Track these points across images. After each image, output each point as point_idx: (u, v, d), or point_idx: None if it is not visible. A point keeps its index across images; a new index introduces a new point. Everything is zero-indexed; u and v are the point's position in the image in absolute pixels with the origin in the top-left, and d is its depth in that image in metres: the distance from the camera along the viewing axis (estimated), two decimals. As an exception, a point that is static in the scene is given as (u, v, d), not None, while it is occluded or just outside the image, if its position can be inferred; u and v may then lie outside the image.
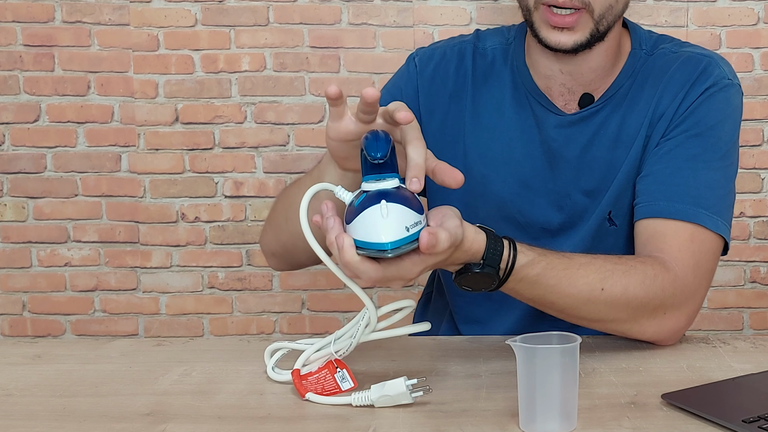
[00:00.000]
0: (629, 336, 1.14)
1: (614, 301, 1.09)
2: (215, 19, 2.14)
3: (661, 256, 1.14)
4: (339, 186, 0.96)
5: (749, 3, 2.12)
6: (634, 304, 1.10)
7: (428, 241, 0.89)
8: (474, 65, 1.31)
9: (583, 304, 1.08)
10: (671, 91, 1.24)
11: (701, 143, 1.20)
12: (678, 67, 1.25)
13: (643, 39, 1.29)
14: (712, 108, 1.22)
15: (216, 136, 2.18)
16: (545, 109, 1.26)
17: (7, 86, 2.16)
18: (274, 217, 1.27)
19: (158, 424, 0.93)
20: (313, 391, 0.98)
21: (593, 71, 1.25)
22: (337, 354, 1.00)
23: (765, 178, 2.17)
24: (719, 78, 1.24)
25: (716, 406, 0.92)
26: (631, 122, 1.25)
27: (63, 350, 1.19)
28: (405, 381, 0.95)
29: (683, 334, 1.17)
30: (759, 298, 2.21)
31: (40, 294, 2.23)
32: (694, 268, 1.15)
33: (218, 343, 1.22)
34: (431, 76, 1.31)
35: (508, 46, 1.32)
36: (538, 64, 1.27)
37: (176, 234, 2.21)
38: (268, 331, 2.23)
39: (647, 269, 1.11)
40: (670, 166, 1.20)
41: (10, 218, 2.21)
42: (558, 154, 1.26)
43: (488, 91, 1.29)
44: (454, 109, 1.30)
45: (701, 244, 1.16)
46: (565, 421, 0.88)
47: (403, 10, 2.14)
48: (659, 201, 1.18)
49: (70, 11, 2.14)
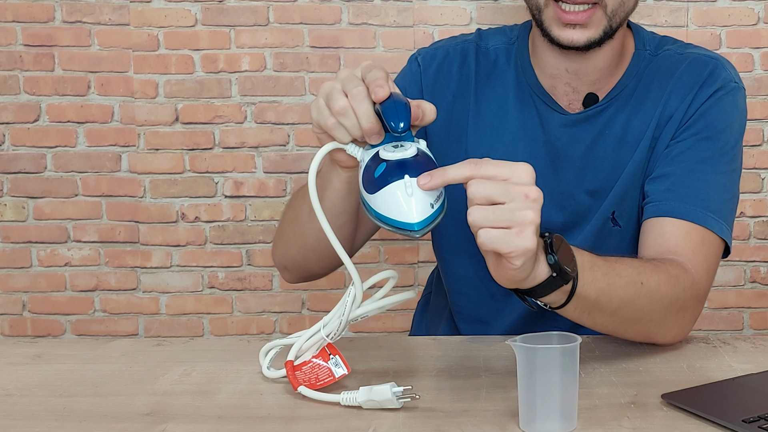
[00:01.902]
0: (652, 339, 1.13)
1: (651, 297, 1.07)
2: (215, 19, 2.15)
3: (677, 258, 1.13)
4: (350, 143, 0.96)
5: (749, 3, 2.12)
6: (665, 303, 1.09)
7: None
8: (477, 64, 1.31)
9: (630, 302, 1.05)
10: (679, 93, 1.24)
11: (711, 146, 1.21)
12: (685, 68, 1.25)
13: (647, 40, 1.29)
14: (721, 111, 1.23)
15: (216, 136, 2.18)
16: (549, 108, 1.26)
17: (7, 86, 2.16)
18: (283, 230, 1.27)
19: (158, 424, 0.93)
20: (306, 382, 0.98)
21: (599, 70, 1.24)
22: (329, 338, 0.99)
23: (765, 178, 2.17)
24: (727, 81, 1.25)
25: (716, 406, 0.92)
26: (637, 123, 1.25)
27: (63, 350, 1.19)
28: (392, 388, 0.93)
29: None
30: (759, 298, 2.21)
31: (40, 294, 2.23)
32: (707, 271, 1.15)
33: (218, 343, 1.22)
34: (435, 75, 1.31)
35: (511, 45, 1.32)
36: (543, 63, 1.26)
37: (176, 234, 2.21)
38: (268, 331, 2.23)
39: (670, 269, 1.10)
40: (681, 168, 1.21)
41: (10, 218, 2.21)
42: (562, 153, 1.26)
43: (491, 90, 1.29)
44: (457, 108, 1.30)
45: (710, 247, 1.17)
46: (565, 421, 0.88)
47: (403, 10, 2.14)
48: (670, 201, 1.18)
49: (70, 11, 2.14)
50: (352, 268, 0.95)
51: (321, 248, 1.20)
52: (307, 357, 1.00)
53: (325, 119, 0.96)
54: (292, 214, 1.23)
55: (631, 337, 1.13)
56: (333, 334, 0.99)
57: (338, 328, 0.98)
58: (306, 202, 1.10)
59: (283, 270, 1.31)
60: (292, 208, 1.24)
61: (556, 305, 0.99)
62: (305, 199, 1.10)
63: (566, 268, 0.94)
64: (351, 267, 0.95)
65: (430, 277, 1.54)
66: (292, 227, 1.22)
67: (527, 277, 0.92)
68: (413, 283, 2.11)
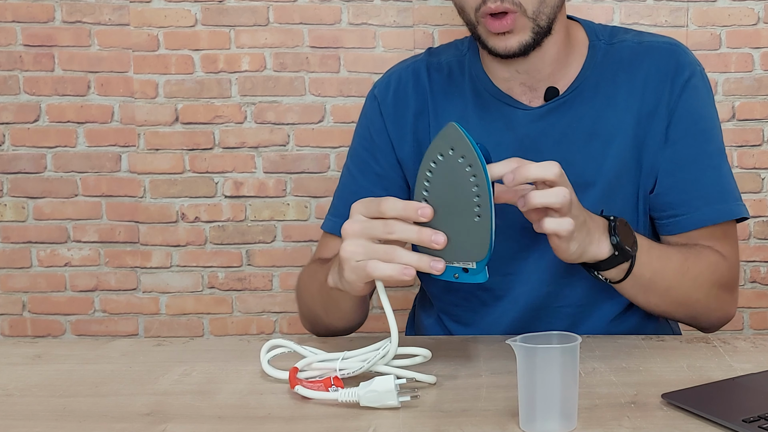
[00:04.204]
0: (699, 321, 1.26)
1: (695, 281, 1.20)
2: (215, 19, 2.15)
3: (713, 246, 1.24)
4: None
5: (749, 3, 2.12)
6: (706, 287, 1.22)
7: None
8: (430, 80, 1.31)
9: (678, 285, 1.19)
10: (652, 86, 1.25)
11: (707, 137, 1.26)
12: (649, 59, 1.26)
13: (599, 30, 1.30)
14: (700, 98, 1.27)
15: (216, 136, 2.18)
16: (512, 107, 1.26)
17: (7, 86, 2.16)
18: (304, 312, 1.33)
19: (158, 424, 0.93)
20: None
21: (549, 65, 1.24)
22: (340, 373, 1.00)
23: (765, 178, 2.17)
24: (692, 66, 1.27)
25: (716, 406, 0.92)
26: (609, 117, 1.24)
27: (63, 350, 1.19)
28: (394, 380, 0.94)
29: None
30: (759, 298, 2.21)
31: (40, 294, 2.23)
32: (736, 254, 1.28)
33: (218, 343, 1.22)
34: (393, 102, 1.32)
35: (462, 57, 1.32)
36: (495, 70, 1.27)
37: (176, 234, 2.21)
38: (268, 331, 2.24)
39: (710, 256, 1.22)
40: (693, 169, 1.24)
41: (10, 218, 2.21)
42: (532, 149, 1.24)
43: (449, 102, 1.30)
44: (420, 127, 1.30)
45: (734, 231, 1.28)
46: (565, 421, 0.88)
47: (403, 10, 2.14)
48: (702, 208, 1.24)
49: (70, 11, 2.14)
50: (394, 330, 0.98)
51: (349, 324, 1.28)
52: (312, 375, 1.02)
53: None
54: (309, 304, 1.30)
55: (681, 319, 1.28)
56: (346, 372, 1.00)
57: (353, 371, 1.00)
58: (323, 298, 1.22)
59: (315, 334, 1.34)
60: (308, 298, 1.30)
61: (615, 280, 1.14)
62: (322, 297, 1.22)
63: (627, 248, 1.10)
64: (394, 331, 0.99)
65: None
66: (314, 314, 1.29)
67: (584, 252, 1.07)
68: (413, 283, 2.10)
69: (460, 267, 0.99)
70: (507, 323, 1.28)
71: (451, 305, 1.33)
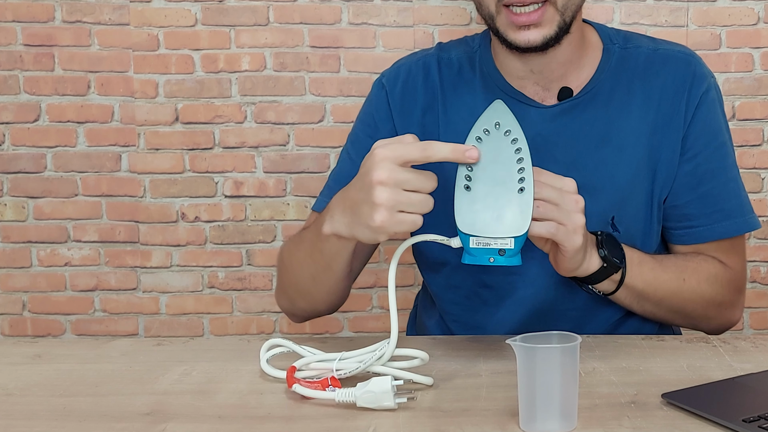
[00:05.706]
0: (698, 328, 1.30)
1: (692, 293, 1.23)
2: (215, 18, 2.15)
3: (717, 257, 1.26)
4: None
5: (749, 3, 2.12)
6: (705, 298, 1.24)
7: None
8: (441, 75, 1.30)
9: (673, 295, 1.22)
10: (668, 96, 1.24)
11: (726, 151, 1.28)
12: (666, 68, 1.26)
13: (612, 34, 1.30)
14: (717, 112, 1.28)
15: (216, 136, 2.18)
16: (525, 105, 1.25)
17: (7, 86, 2.16)
18: (285, 287, 1.30)
19: (158, 423, 0.93)
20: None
21: (563, 66, 1.24)
22: (337, 373, 1.00)
23: (765, 178, 2.17)
24: (708, 77, 1.27)
25: (716, 406, 0.92)
26: (623, 124, 1.24)
27: (63, 350, 1.19)
28: (391, 381, 0.94)
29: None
30: (759, 298, 2.21)
31: (40, 294, 2.23)
32: (743, 263, 1.30)
33: (218, 342, 1.22)
34: (401, 94, 1.31)
35: (473, 54, 1.31)
36: (508, 68, 1.26)
37: (176, 234, 2.21)
38: (268, 331, 2.24)
39: (710, 268, 1.25)
40: (714, 184, 1.26)
41: (10, 218, 2.21)
42: (542, 149, 1.22)
43: (459, 98, 1.29)
44: (428, 122, 1.29)
45: (743, 241, 1.31)
46: (565, 421, 0.88)
47: (403, 10, 2.14)
48: (721, 222, 1.26)
49: (70, 11, 2.15)
50: (395, 329, 0.99)
51: (331, 299, 1.26)
52: (308, 375, 1.02)
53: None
54: (294, 273, 1.25)
55: (680, 325, 1.32)
56: (343, 372, 1.00)
57: (349, 372, 1.00)
58: (313, 261, 1.19)
59: (290, 316, 1.34)
60: (295, 267, 1.26)
61: (608, 292, 1.18)
62: (313, 259, 1.18)
63: (614, 260, 1.14)
64: (395, 329, 0.99)
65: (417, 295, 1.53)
66: (298, 287, 1.26)
67: (579, 267, 1.11)
68: (413, 283, 2.11)
69: (496, 249, 0.99)
70: (511, 326, 1.27)
71: (452, 304, 1.33)
